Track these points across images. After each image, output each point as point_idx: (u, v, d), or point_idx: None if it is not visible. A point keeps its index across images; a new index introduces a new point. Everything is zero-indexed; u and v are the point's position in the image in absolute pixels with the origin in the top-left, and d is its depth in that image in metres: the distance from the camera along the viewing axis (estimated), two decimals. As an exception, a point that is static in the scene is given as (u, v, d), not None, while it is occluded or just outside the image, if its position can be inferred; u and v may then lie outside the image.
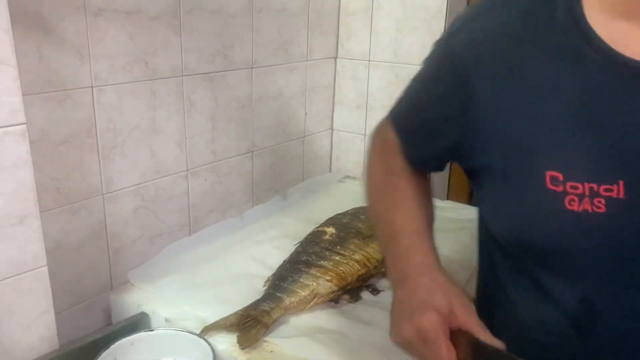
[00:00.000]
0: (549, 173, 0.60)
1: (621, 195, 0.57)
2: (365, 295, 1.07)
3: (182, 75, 1.19)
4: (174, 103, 1.18)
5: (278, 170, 1.54)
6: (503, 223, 0.67)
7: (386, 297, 1.07)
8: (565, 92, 0.60)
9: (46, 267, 0.85)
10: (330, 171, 1.74)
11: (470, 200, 1.69)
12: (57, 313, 0.90)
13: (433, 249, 0.71)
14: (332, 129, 1.72)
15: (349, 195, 1.51)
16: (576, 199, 0.59)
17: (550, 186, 0.60)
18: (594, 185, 0.58)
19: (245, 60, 1.34)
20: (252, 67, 1.36)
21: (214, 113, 1.29)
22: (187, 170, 1.26)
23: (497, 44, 0.64)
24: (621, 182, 0.57)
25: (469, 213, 1.47)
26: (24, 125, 0.77)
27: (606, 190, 0.57)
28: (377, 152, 0.85)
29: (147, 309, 0.99)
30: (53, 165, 0.99)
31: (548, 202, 0.60)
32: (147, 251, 1.19)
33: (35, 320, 0.85)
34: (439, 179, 1.63)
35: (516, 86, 0.62)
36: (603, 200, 0.57)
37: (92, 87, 1.02)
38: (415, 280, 0.65)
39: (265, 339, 0.91)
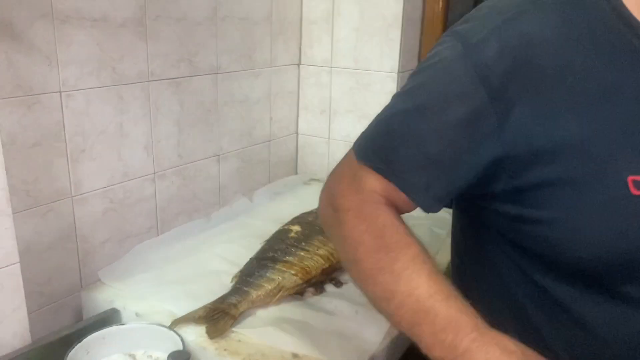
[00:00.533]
0: (631, 178, 0.57)
1: None
2: (329, 287, 1.12)
3: (149, 81, 1.22)
4: (140, 107, 1.22)
5: (244, 173, 1.58)
6: (587, 240, 0.60)
7: (348, 289, 1.12)
8: (629, 92, 0.58)
9: (19, 264, 0.87)
10: (296, 173, 1.80)
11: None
12: (27, 314, 0.92)
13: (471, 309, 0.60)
14: (297, 133, 1.78)
15: (314, 197, 1.54)
16: None
17: (635, 191, 0.57)
18: None
19: (210, 66, 1.38)
20: (216, 73, 1.41)
21: (179, 117, 1.33)
22: (154, 173, 1.29)
23: (544, 49, 0.60)
24: None
25: (427, 211, 1.54)
26: (-4, 126, 0.80)
27: None
28: (349, 211, 0.68)
29: (117, 304, 1.02)
30: (22, 169, 1.01)
31: (636, 208, 0.57)
32: (116, 253, 1.21)
33: (8, 316, 0.87)
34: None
35: (574, 91, 0.59)
36: None
37: (60, 92, 1.05)
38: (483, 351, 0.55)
39: (233, 329, 0.95)
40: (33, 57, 0.99)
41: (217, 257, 1.21)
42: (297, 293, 1.08)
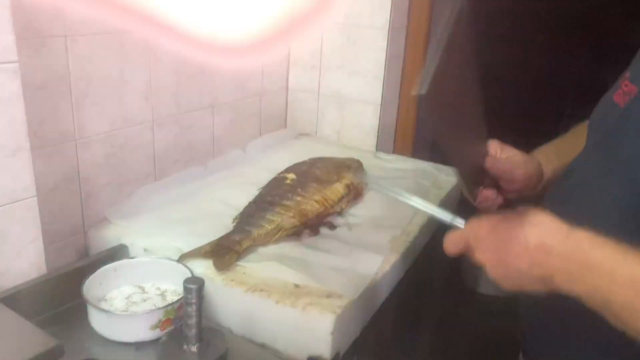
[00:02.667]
0: None
1: None
2: (324, 230, 1.19)
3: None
4: (141, 56, 1.24)
5: (237, 126, 1.62)
6: None
7: (341, 232, 1.19)
8: None
9: (36, 198, 0.91)
10: (285, 128, 1.84)
11: (413, 154, 1.84)
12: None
13: None
14: (287, 88, 1.82)
15: (305, 150, 1.62)
16: None
17: None
18: None
19: (206, 17, 1.40)
20: (213, 25, 1.43)
21: (178, 67, 1.35)
22: (153, 121, 1.32)
23: None
24: None
25: (411, 164, 1.62)
26: (17, 64, 0.83)
27: None
28: None
29: (125, 241, 1.07)
30: (30, 110, 1.03)
31: None
32: (116, 196, 1.25)
33: (26, 247, 0.92)
34: (386, 136, 1.77)
35: None
36: None
37: (65, 36, 1.07)
38: None
39: (238, 263, 1.02)
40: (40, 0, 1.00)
41: (216, 201, 1.27)
42: (294, 234, 1.15)
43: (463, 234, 0.72)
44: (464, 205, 2.76)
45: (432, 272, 1.64)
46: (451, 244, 0.74)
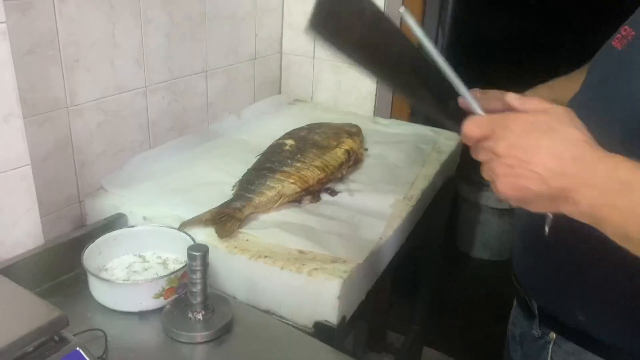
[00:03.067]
0: None
1: None
2: (325, 196, 1.18)
3: (139, -10, 1.20)
4: (131, 17, 1.20)
5: (231, 91, 1.58)
6: None
7: (342, 198, 1.18)
8: None
9: (30, 166, 0.88)
10: (279, 93, 1.81)
11: (410, 118, 1.81)
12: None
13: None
14: (281, 52, 1.77)
15: (301, 115, 1.59)
16: None
17: None
18: None
19: (198, -22, 1.36)
20: (205, -14, 1.38)
21: (169, 30, 1.31)
22: (146, 87, 1.28)
23: None
24: None
25: (410, 128, 1.60)
26: (4, 24, 0.79)
27: None
28: None
29: (124, 209, 1.05)
30: (19, 76, 0.99)
31: None
32: (110, 165, 1.22)
33: (22, 216, 0.89)
34: (383, 101, 1.74)
35: None
36: None
37: (53, -3, 1.02)
38: None
39: (240, 230, 1.00)
40: (25, -42, 0.95)
41: (213, 169, 1.24)
42: (295, 201, 1.13)
43: (491, 119, 0.62)
44: (464, 177, 2.76)
45: (430, 236, 1.64)
46: (475, 127, 0.62)
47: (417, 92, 0.72)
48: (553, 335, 0.87)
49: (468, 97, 0.66)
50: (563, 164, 0.56)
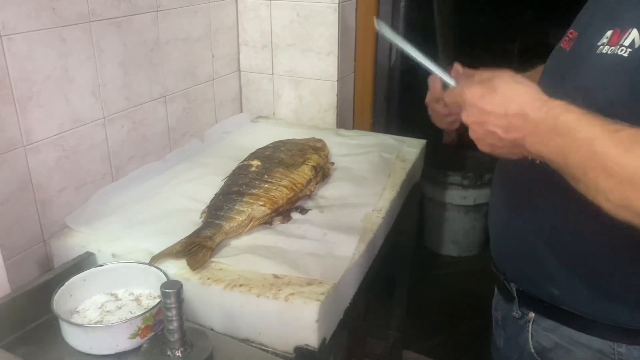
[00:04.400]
0: None
1: None
2: (295, 215, 1.17)
3: (90, 21, 1.18)
4: (84, 50, 1.17)
5: (191, 114, 1.57)
6: None
7: (313, 215, 1.18)
8: None
9: (-10, 215, 0.85)
10: (241, 112, 1.80)
11: (372, 129, 1.83)
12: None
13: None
14: (239, 70, 1.77)
15: (264, 133, 1.58)
16: None
17: None
18: None
19: (149, 3, 1.34)
20: (157, 10, 1.36)
21: (124, 59, 1.29)
22: (104, 118, 1.26)
23: None
24: None
25: (373, 139, 1.62)
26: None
27: None
28: None
29: (91, 248, 1.02)
30: (-31, 119, 0.97)
31: None
32: (73, 200, 1.19)
33: (-15, 267, 0.86)
34: (345, 112, 1.75)
35: None
36: None
37: (0, 35, 0.99)
38: None
39: (212, 259, 0.99)
40: (-32, -1, 0.92)
41: (180, 196, 1.23)
42: (266, 222, 1.13)
43: (458, 94, 0.77)
44: (428, 177, 2.80)
45: (401, 239, 1.65)
46: (449, 99, 0.82)
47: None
48: (532, 314, 0.95)
49: (444, 76, 0.85)
50: (509, 120, 0.70)
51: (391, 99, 1.92)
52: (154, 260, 0.97)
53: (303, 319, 0.88)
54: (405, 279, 1.86)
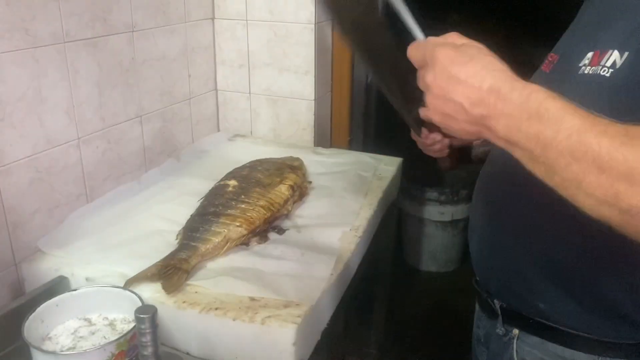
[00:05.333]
0: None
1: None
2: (272, 235, 1.17)
3: (64, 42, 1.17)
4: (58, 70, 1.16)
5: (168, 133, 1.56)
6: None
7: (290, 235, 1.18)
8: None
9: (-42, 240, 0.83)
10: (218, 131, 1.80)
11: (350, 147, 1.84)
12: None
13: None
14: (216, 89, 1.77)
15: (241, 152, 1.58)
16: None
17: None
18: None
19: (124, 24, 1.33)
20: (132, 31, 1.36)
21: (99, 79, 1.28)
22: (78, 138, 1.25)
23: None
24: None
25: (350, 157, 1.63)
26: None
27: None
28: None
29: (64, 272, 1.01)
30: (-61, 141, 0.95)
31: None
32: (46, 223, 1.17)
33: (-47, 294, 0.84)
34: (323, 130, 1.76)
35: None
36: None
37: (-28, 57, 0.98)
38: None
39: (188, 282, 0.98)
40: (-62, 20, 0.91)
41: (155, 217, 1.21)
42: (243, 243, 1.12)
43: (424, 46, 0.68)
44: (406, 193, 2.81)
45: (380, 259, 1.66)
46: (412, 50, 0.70)
47: (392, 86, 0.83)
48: (516, 331, 0.94)
49: (411, 22, 0.74)
50: (481, 94, 0.61)
51: (368, 115, 1.94)
52: (129, 283, 0.96)
53: (280, 342, 0.87)
54: (385, 295, 1.86)
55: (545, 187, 0.61)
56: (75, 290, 0.95)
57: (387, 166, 1.54)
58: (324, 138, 1.79)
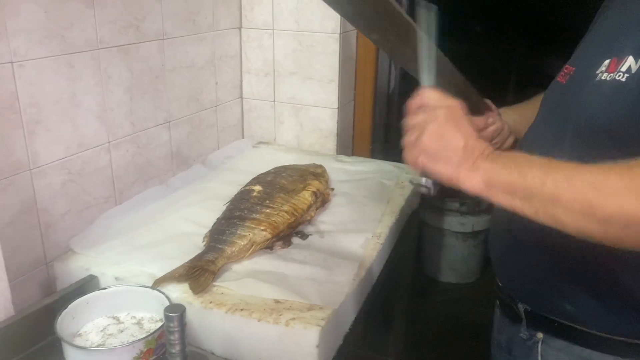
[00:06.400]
0: None
1: None
2: (296, 240, 1.19)
3: (98, 49, 1.21)
4: (91, 76, 1.21)
5: (195, 139, 1.60)
6: None
7: (313, 240, 1.19)
8: None
9: (-4, 237, 0.87)
10: (242, 137, 1.83)
11: (371, 155, 1.86)
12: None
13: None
14: (241, 97, 1.80)
15: (265, 159, 1.61)
16: None
17: None
18: None
19: (156, 31, 1.37)
20: (163, 39, 1.40)
21: (130, 85, 1.32)
22: (109, 142, 1.29)
23: None
24: None
25: (372, 165, 1.64)
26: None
27: None
28: None
29: (95, 271, 1.04)
30: (-21, 142, 0.99)
31: None
32: (77, 224, 1.21)
33: (-10, 289, 0.87)
34: (345, 139, 1.78)
35: None
36: None
37: (12, 62, 1.02)
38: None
39: (214, 283, 1.00)
40: (-18, 27, 0.96)
41: (182, 220, 1.24)
42: (267, 247, 1.14)
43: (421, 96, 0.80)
44: (426, 202, 2.80)
45: (400, 268, 1.66)
46: (426, 95, 0.81)
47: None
48: (540, 335, 0.94)
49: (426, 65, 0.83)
50: (459, 153, 0.73)
51: (390, 125, 1.95)
52: (157, 283, 0.98)
53: (303, 344, 0.89)
54: (404, 305, 1.86)
55: None
56: (105, 289, 0.98)
57: (409, 175, 1.55)
58: (346, 146, 1.81)
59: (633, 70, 0.77)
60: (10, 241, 1.07)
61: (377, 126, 1.90)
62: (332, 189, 1.42)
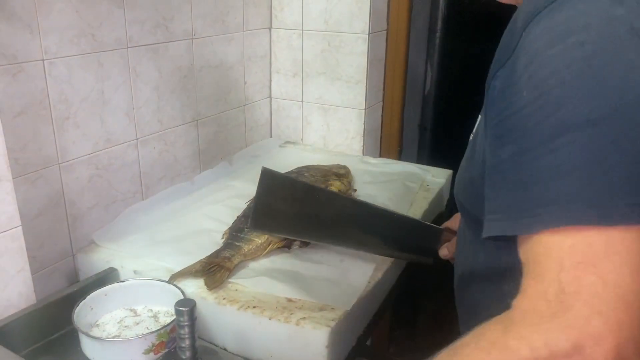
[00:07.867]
0: None
1: None
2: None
3: (127, 47, 1.24)
4: (120, 74, 1.24)
5: (222, 138, 1.62)
6: None
7: (333, 241, 1.19)
8: None
9: (20, 227, 0.90)
10: (270, 137, 1.84)
11: (400, 157, 1.84)
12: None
13: None
14: (270, 97, 1.81)
15: (291, 158, 1.61)
16: None
17: None
18: None
19: (184, 31, 1.40)
20: (192, 38, 1.42)
21: (158, 83, 1.35)
22: (137, 139, 1.32)
23: None
24: None
25: (398, 167, 1.62)
26: (-7, 94, 0.82)
27: None
28: None
29: (115, 264, 1.06)
30: (10, 137, 1.02)
31: None
32: (103, 217, 1.24)
33: (13, 277, 0.91)
34: (372, 140, 1.77)
35: None
36: None
37: (43, 60, 1.06)
38: None
39: (229, 280, 1.01)
40: (15, 25, 0.99)
41: (204, 217, 1.26)
42: (285, 246, 1.15)
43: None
44: (453, 206, 2.77)
45: (422, 273, 1.64)
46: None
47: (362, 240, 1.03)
48: None
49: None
50: None
51: (424, 127, 1.93)
52: (174, 278, 1.00)
53: (313, 344, 0.88)
54: (426, 310, 1.84)
55: None
56: (123, 281, 1.00)
57: (436, 178, 1.53)
58: (373, 148, 1.80)
59: (475, 128, 0.75)
60: (39, 232, 1.11)
61: (410, 129, 1.89)
62: (355, 190, 1.41)
